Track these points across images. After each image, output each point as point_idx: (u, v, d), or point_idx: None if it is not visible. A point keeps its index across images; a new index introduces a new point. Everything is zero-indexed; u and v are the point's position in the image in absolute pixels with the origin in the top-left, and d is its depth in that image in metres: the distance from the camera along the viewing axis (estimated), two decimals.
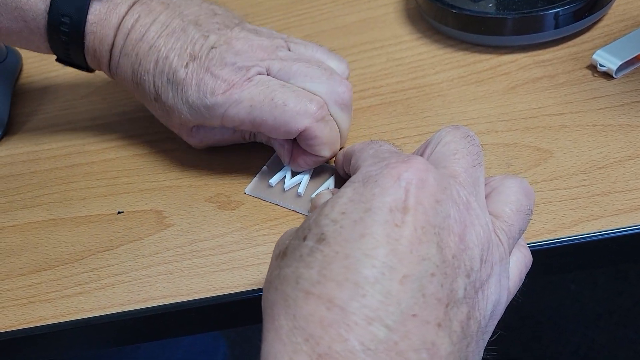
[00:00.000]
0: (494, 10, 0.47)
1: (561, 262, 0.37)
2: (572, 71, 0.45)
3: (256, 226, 0.40)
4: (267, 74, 0.40)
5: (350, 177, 0.30)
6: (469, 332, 0.27)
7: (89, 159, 0.46)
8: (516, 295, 0.32)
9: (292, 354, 0.25)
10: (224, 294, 0.37)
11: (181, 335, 0.40)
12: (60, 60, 0.45)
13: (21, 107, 0.52)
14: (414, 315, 0.25)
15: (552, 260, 0.37)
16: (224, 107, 0.39)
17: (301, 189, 0.40)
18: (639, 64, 0.44)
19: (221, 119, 0.40)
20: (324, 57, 0.43)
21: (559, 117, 0.42)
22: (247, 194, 0.42)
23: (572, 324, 1.11)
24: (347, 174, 0.38)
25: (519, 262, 0.32)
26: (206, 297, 0.37)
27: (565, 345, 1.09)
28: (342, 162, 0.39)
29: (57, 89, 0.53)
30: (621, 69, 0.44)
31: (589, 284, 1.16)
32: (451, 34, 0.50)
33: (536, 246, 0.36)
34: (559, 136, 0.41)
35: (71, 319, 0.37)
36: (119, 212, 0.42)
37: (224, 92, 0.39)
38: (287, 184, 0.41)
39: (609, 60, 0.44)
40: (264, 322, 0.27)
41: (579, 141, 0.40)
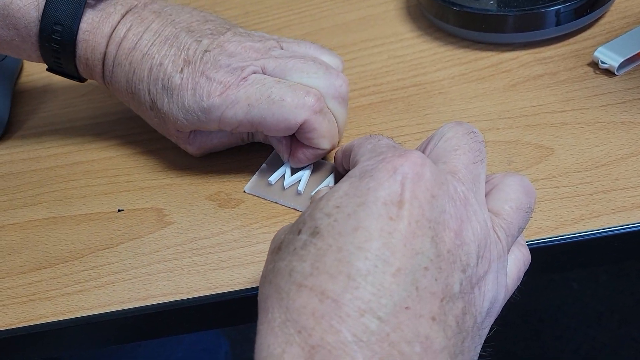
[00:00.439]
0: (495, 7, 0.47)
1: (563, 259, 0.37)
2: (574, 68, 0.45)
3: (256, 224, 0.40)
4: (262, 73, 0.40)
5: None
6: (465, 327, 0.27)
7: (89, 157, 0.46)
8: (514, 293, 0.32)
9: (284, 345, 0.25)
10: (224, 291, 0.37)
11: (181, 333, 0.40)
12: (51, 69, 0.44)
13: (21, 105, 0.52)
14: (406, 307, 0.25)
15: (554, 257, 0.37)
16: (221, 109, 0.39)
17: (301, 187, 0.40)
18: None
19: (219, 122, 0.40)
20: (318, 52, 0.43)
21: (560, 114, 0.42)
22: (246, 192, 0.41)
23: (574, 322, 1.11)
24: (346, 171, 0.38)
25: (518, 261, 0.32)
26: (206, 295, 0.37)
27: (566, 343, 1.09)
28: (341, 158, 0.39)
29: (57, 87, 0.53)
30: (623, 66, 0.44)
31: (591, 282, 1.16)
32: (452, 32, 0.49)
33: (538, 244, 0.36)
34: (560, 133, 0.41)
35: (71, 317, 0.37)
36: (119, 210, 0.42)
37: (221, 94, 0.39)
38: (287, 182, 0.41)
39: (610, 57, 0.44)
40: (259, 316, 0.27)
41: (581, 138, 0.40)
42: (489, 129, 0.42)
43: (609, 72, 0.44)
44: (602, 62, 0.44)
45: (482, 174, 0.31)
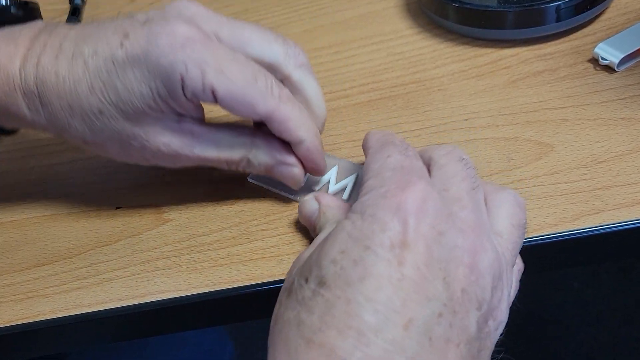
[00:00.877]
0: (495, 3, 0.46)
1: (562, 256, 0.37)
2: (574, 65, 0.45)
3: (254, 221, 0.39)
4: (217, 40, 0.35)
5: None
6: None
7: (88, 154, 0.46)
8: (513, 301, 0.31)
9: None
10: (222, 289, 0.36)
11: (179, 330, 0.40)
12: None
13: None
14: None
15: (553, 255, 0.36)
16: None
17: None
18: None
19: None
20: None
21: (560, 110, 0.42)
22: (249, 181, 0.41)
23: (575, 322, 1.11)
24: None
25: (515, 273, 0.31)
26: (204, 292, 0.37)
27: (568, 343, 1.09)
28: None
29: None
30: (623, 62, 0.44)
31: (592, 282, 1.15)
32: (452, 28, 0.49)
33: (537, 240, 0.36)
34: (560, 130, 0.41)
35: (69, 314, 0.37)
36: (117, 208, 0.42)
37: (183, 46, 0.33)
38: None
39: (610, 53, 0.43)
40: (268, 358, 0.27)
41: (581, 135, 0.40)
42: (488, 126, 0.42)
43: (609, 69, 0.44)
44: (603, 59, 0.44)
45: (481, 199, 0.30)
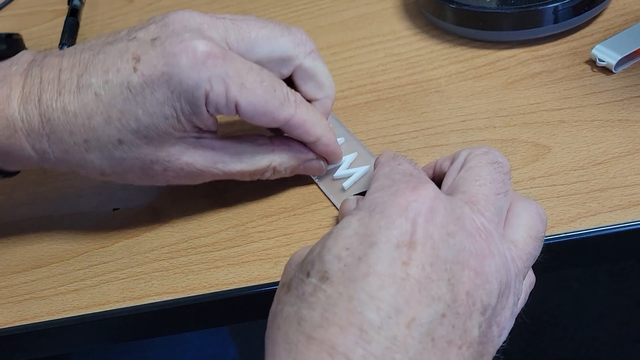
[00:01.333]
0: (492, 5, 0.46)
1: (559, 258, 0.37)
2: (571, 66, 0.45)
3: (251, 223, 0.39)
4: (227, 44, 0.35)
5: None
6: None
7: None
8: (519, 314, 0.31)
9: None
10: (219, 290, 0.36)
11: (176, 332, 0.40)
12: None
13: None
14: None
15: (550, 256, 0.36)
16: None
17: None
18: (638, 59, 0.44)
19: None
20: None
21: (557, 112, 0.42)
22: None
23: (574, 323, 1.11)
24: None
25: (525, 285, 0.31)
26: (202, 294, 0.37)
27: (566, 344, 1.09)
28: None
29: None
30: (620, 63, 0.44)
31: (591, 282, 1.15)
32: (449, 29, 0.49)
33: None
34: (557, 131, 0.41)
35: (66, 316, 0.37)
36: (114, 210, 0.42)
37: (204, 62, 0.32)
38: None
39: (608, 54, 0.43)
40: (266, 357, 0.26)
41: (578, 136, 0.40)
42: (485, 127, 0.42)
43: (606, 70, 0.44)
44: (600, 60, 0.44)
45: (504, 206, 0.30)
